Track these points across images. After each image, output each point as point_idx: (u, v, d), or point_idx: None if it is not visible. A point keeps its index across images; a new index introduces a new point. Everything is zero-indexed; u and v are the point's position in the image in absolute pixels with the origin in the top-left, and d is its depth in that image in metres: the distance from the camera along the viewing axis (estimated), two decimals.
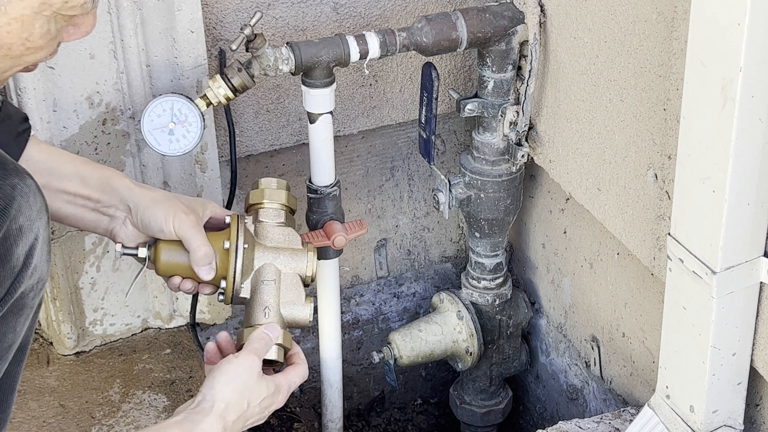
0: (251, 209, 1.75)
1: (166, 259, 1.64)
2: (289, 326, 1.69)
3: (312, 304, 1.68)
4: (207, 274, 1.63)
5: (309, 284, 1.70)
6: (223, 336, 1.67)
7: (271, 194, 1.74)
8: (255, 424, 1.58)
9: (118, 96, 1.86)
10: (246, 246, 1.64)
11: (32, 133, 1.64)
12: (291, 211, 1.76)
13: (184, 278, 1.67)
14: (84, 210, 1.64)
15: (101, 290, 2.02)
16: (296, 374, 1.63)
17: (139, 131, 1.80)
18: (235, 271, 1.64)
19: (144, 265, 1.67)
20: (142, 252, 1.65)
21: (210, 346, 1.65)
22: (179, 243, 1.64)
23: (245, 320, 1.68)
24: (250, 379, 1.54)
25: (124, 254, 1.65)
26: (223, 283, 1.65)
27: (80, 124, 1.86)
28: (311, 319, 1.69)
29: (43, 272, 1.40)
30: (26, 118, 1.63)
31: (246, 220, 1.69)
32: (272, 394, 1.57)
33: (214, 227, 1.69)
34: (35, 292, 1.41)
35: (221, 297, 1.67)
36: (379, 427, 2.48)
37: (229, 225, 1.67)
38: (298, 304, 1.67)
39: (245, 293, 1.67)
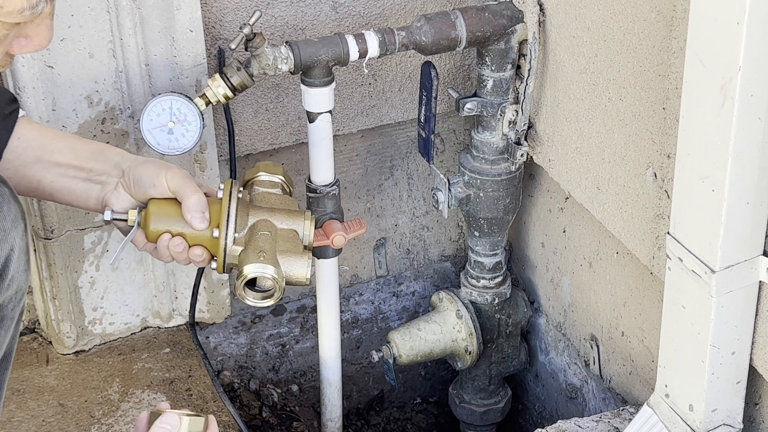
0: (247, 185, 1.72)
1: (156, 215, 1.57)
2: (287, 282, 1.60)
3: (311, 260, 1.60)
4: (200, 222, 1.56)
5: (306, 245, 1.64)
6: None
7: (267, 167, 1.72)
8: None
9: (117, 95, 1.86)
10: (239, 199, 1.59)
11: (22, 114, 1.60)
12: (287, 191, 1.73)
13: (173, 236, 1.57)
14: (76, 181, 1.58)
15: (100, 289, 2.02)
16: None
17: (139, 130, 1.80)
18: (228, 219, 1.57)
19: (134, 230, 1.59)
20: (132, 215, 1.58)
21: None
22: (171, 200, 1.57)
23: (238, 274, 1.57)
24: None
25: (114, 219, 1.58)
26: (215, 233, 1.57)
27: (79, 123, 1.86)
28: (309, 276, 1.60)
29: (21, 282, 1.37)
30: (14, 99, 1.58)
31: (241, 191, 1.64)
32: None
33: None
34: (14, 303, 1.38)
35: (213, 265, 1.59)
36: (379, 426, 2.48)
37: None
38: (296, 254, 1.59)
39: (239, 244, 1.58)
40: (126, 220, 1.58)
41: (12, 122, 1.56)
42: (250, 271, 1.54)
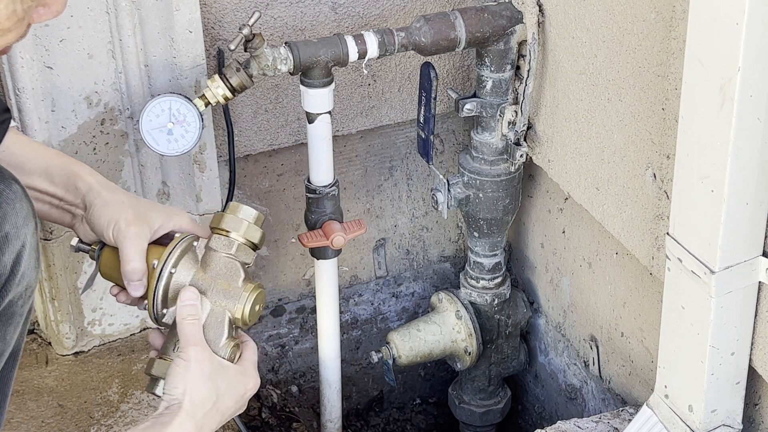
0: (212, 232, 1.58)
1: (104, 265, 1.56)
2: None
3: (234, 348, 1.51)
4: (135, 290, 1.53)
5: (241, 327, 1.54)
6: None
7: (229, 221, 1.55)
8: (235, 414, 1.51)
9: (117, 96, 1.86)
10: (173, 270, 1.51)
11: (13, 125, 1.58)
12: (252, 246, 1.56)
13: (121, 289, 1.58)
14: (50, 207, 1.58)
15: (100, 290, 2.02)
16: (251, 351, 1.54)
17: (138, 131, 1.80)
18: (155, 296, 1.51)
19: (95, 267, 1.59)
20: (92, 253, 1.58)
21: (155, 339, 1.57)
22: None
23: (160, 350, 1.54)
24: (211, 371, 1.45)
25: (78, 250, 1.58)
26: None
27: (79, 124, 1.86)
28: (238, 359, 1.53)
29: (31, 279, 1.38)
30: (7, 109, 1.56)
31: (197, 243, 1.56)
32: (240, 380, 1.49)
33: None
34: (24, 299, 1.39)
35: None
36: (378, 426, 2.47)
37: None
38: (216, 346, 1.50)
39: (168, 319, 1.53)
40: (88, 252, 1.59)
41: (3, 131, 1.55)
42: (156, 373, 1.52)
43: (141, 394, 1.98)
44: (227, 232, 1.54)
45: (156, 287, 1.51)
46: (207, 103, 1.77)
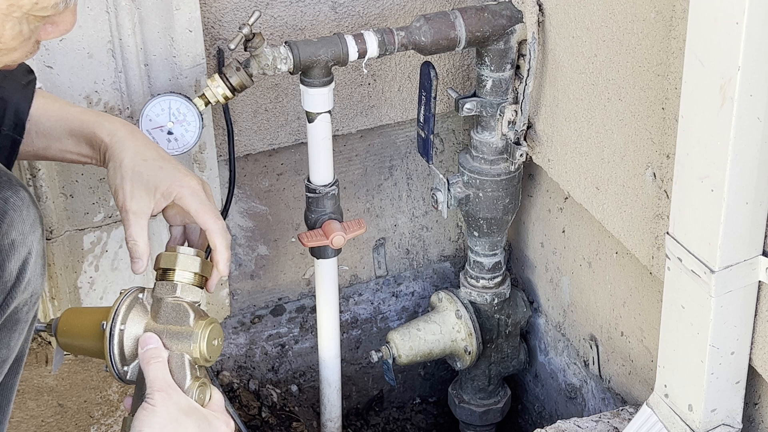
0: (156, 279, 1.56)
1: (61, 332, 1.57)
2: None
3: (202, 388, 1.48)
4: (137, 267, 1.54)
5: (204, 364, 1.51)
6: None
7: (166, 258, 1.53)
8: None
9: (117, 95, 1.86)
10: (123, 327, 1.49)
11: (39, 86, 1.60)
12: (197, 283, 1.54)
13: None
14: (79, 158, 1.61)
15: (100, 290, 2.02)
16: (217, 393, 1.50)
17: None
18: (111, 356, 1.49)
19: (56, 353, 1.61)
20: (48, 330, 1.58)
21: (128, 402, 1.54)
22: (81, 312, 1.58)
23: (130, 410, 1.50)
24: (178, 415, 1.40)
25: (37, 330, 1.57)
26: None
27: None
28: (207, 401, 1.49)
29: (36, 286, 1.38)
30: (30, 70, 1.58)
31: (143, 294, 1.53)
32: (211, 422, 1.44)
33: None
34: (29, 306, 1.39)
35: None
36: (378, 426, 2.48)
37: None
38: (183, 387, 1.47)
39: (131, 376, 1.51)
40: (48, 326, 1.59)
41: (30, 92, 1.56)
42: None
43: None
44: (170, 272, 1.52)
45: (110, 348, 1.49)
46: (207, 103, 1.78)
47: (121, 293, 1.52)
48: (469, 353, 2.13)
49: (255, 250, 2.19)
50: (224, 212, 2.00)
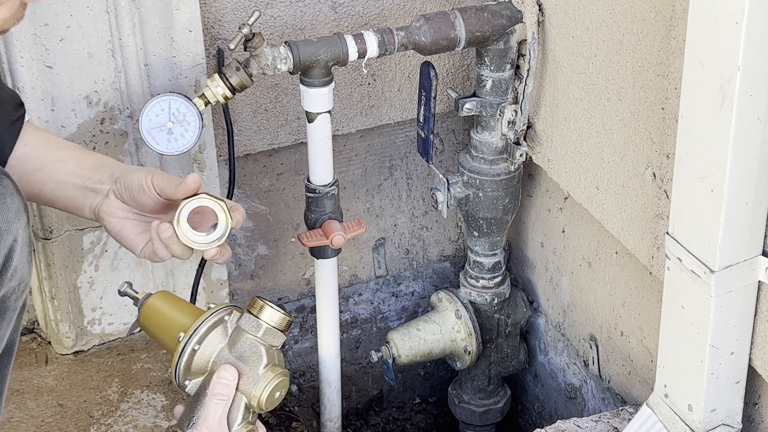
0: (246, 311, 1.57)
1: (144, 315, 1.58)
2: None
3: None
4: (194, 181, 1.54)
5: (257, 411, 1.53)
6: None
7: (263, 309, 1.53)
8: None
9: (117, 95, 1.86)
10: (197, 348, 1.51)
11: (27, 119, 1.60)
12: (288, 324, 1.56)
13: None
14: (75, 189, 1.59)
15: (99, 289, 2.02)
16: None
17: (138, 130, 1.80)
18: (177, 368, 1.52)
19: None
20: (137, 300, 1.60)
21: (178, 410, 1.57)
22: (170, 306, 1.58)
23: (177, 422, 1.53)
24: None
25: (124, 294, 1.61)
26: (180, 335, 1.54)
27: (78, 123, 1.86)
28: None
29: (24, 274, 1.38)
30: (21, 104, 1.58)
31: (230, 317, 1.55)
32: None
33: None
34: (17, 294, 1.39)
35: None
36: (378, 426, 2.48)
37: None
38: (231, 427, 1.50)
39: (190, 390, 1.53)
40: (135, 299, 1.61)
41: (18, 128, 1.57)
42: None
43: (141, 394, 1.98)
44: (261, 308, 1.53)
45: (179, 361, 1.51)
46: (207, 103, 1.77)
47: (208, 310, 1.53)
48: (469, 353, 2.13)
49: (255, 250, 2.19)
50: None
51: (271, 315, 1.52)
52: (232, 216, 1.55)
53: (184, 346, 1.51)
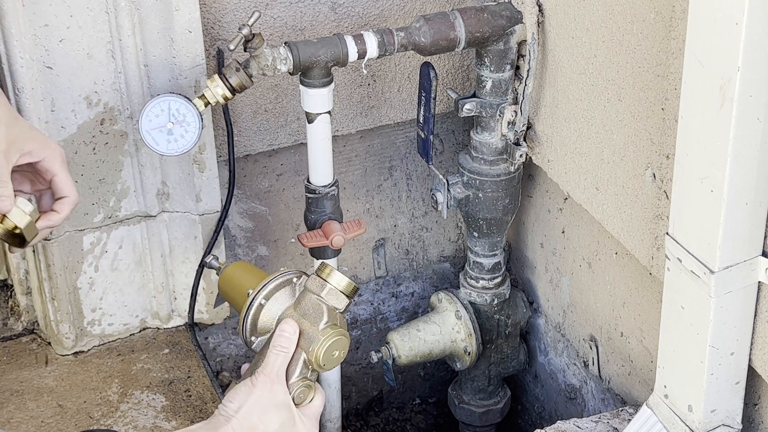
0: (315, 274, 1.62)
1: (223, 281, 1.69)
2: None
3: (306, 390, 1.56)
4: (6, 205, 1.50)
5: (316, 369, 1.57)
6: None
7: (331, 274, 1.59)
8: None
9: (116, 96, 1.86)
10: (264, 303, 1.58)
11: None
12: (353, 290, 1.60)
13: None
14: None
15: (99, 290, 2.02)
16: (319, 401, 1.59)
17: (137, 131, 1.80)
18: (244, 323, 1.59)
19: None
20: (218, 270, 1.73)
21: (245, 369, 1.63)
22: (245, 271, 1.67)
23: (242, 377, 1.60)
24: (270, 405, 1.51)
25: (209, 266, 1.76)
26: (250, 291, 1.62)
27: (78, 123, 1.86)
28: (305, 403, 1.58)
29: None
30: None
31: (298, 279, 1.62)
32: (295, 425, 1.54)
33: (38, 175, 1.58)
34: None
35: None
36: (378, 426, 2.48)
37: None
38: (289, 380, 1.56)
39: (256, 347, 1.61)
40: (218, 268, 1.74)
41: None
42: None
43: (140, 394, 1.98)
44: (328, 272, 1.59)
45: (246, 315, 1.58)
46: (206, 103, 1.77)
47: (277, 271, 1.61)
48: (469, 354, 2.13)
49: (255, 251, 2.19)
50: (224, 212, 2.01)
51: (339, 279, 1.59)
52: (50, 220, 1.58)
53: (252, 300, 1.58)
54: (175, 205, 1.99)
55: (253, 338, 1.60)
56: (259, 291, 1.59)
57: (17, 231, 1.54)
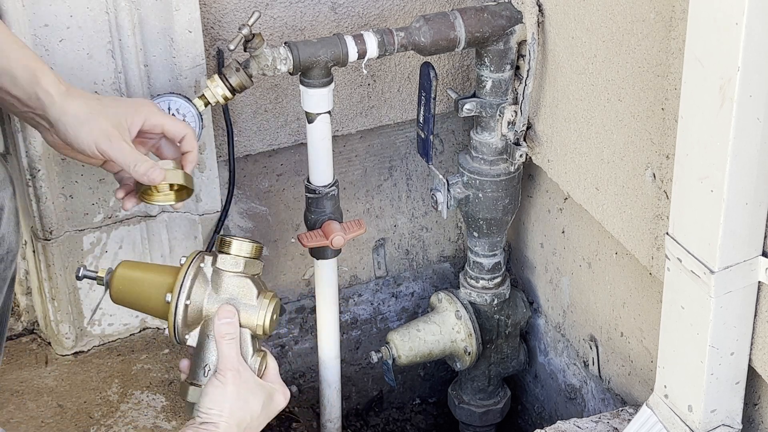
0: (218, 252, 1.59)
1: (116, 289, 1.57)
2: None
3: (261, 360, 1.55)
4: (158, 175, 1.55)
5: (262, 337, 1.57)
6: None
7: (231, 244, 1.56)
8: (260, 428, 1.55)
9: (116, 96, 1.86)
10: (188, 303, 1.53)
11: None
12: (259, 250, 1.59)
13: (126, 193, 1.62)
14: (16, 108, 1.55)
15: (99, 290, 2.02)
16: (273, 361, 1.58)
17: None
18: (175, 326, 1.54)
19: (104, 291, 1.61)
20: (100, 279, 1.59)
21: (184, 364, 1.60)
22: (138, 270, 1.58)
23: (189, 374, 1.57)
24: (246, 394, 1.50)
25: (84, 278, 1.58)
26: (168, 297, 1.55)
27: None
28: (264, 370, 1.58)
29: (12, 242, 1.38)
30: None
31: (204, 263, 1.56)
32: (273, 398, 1.55)
33: (147, 134, 1.60)
34: (5, 263, 1.39)
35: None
36: (378, 426, 2.48)
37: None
38: (246, 360, 1.55)
39: (192, 342, 1.56)
40: (99, 278, 1.59)
41: None
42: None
43: (141, 394, 1.98)
44: (228, 244, 1.56)
45: (175, 320, 1.53)
46: (206, 103, 1.77)
47: (183, 264, 1.55)
48: (469, 354, 2.13)
49: None
50: (224, 212, 2.01)
51: (241, 247, 1.55)
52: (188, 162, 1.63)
53: (176, 306, 1.53)
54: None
55: (186, 336, 1.55)
56: (179, 294, 1.53)
57: (176, 189, 1.62)
